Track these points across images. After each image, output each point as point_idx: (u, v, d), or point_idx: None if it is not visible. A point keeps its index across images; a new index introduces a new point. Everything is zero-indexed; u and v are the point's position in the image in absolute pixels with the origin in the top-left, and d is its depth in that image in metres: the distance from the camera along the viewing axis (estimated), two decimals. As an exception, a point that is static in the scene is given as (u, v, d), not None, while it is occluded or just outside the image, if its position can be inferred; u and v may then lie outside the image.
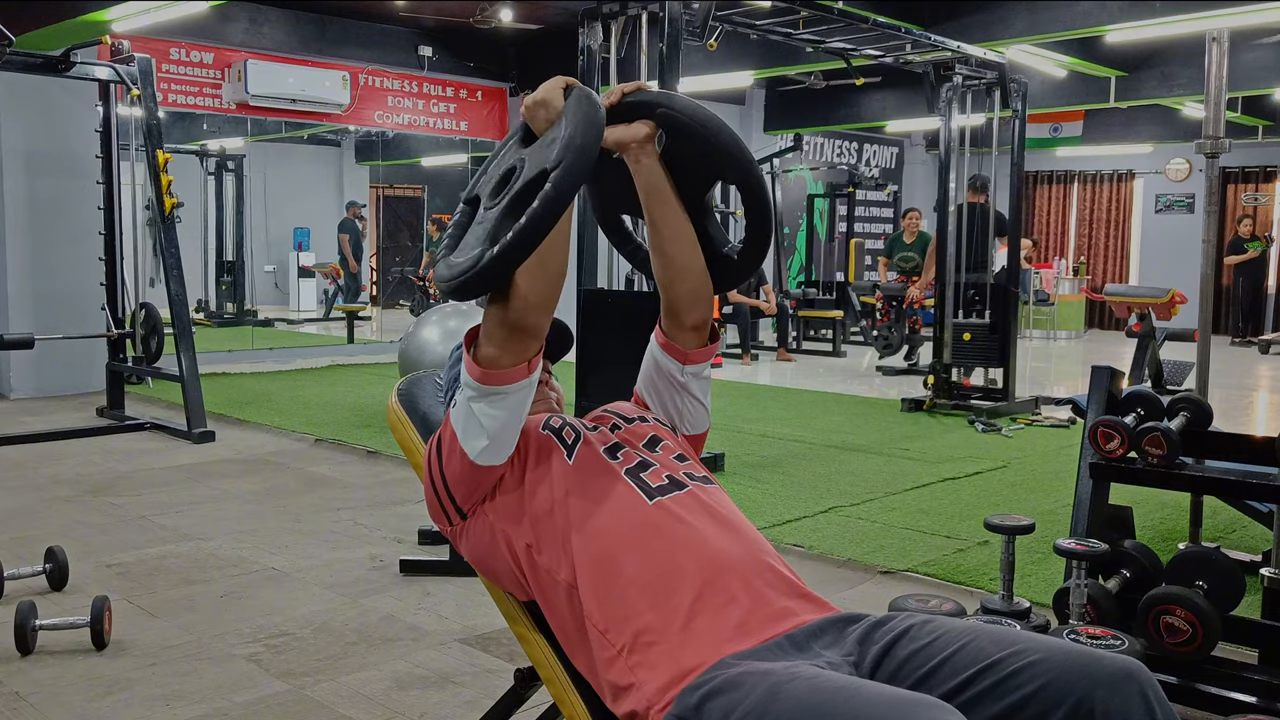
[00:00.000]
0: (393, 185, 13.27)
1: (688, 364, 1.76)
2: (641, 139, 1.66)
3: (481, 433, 1.51)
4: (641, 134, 1.65)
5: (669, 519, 1.51)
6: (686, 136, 1.65)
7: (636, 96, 1.66)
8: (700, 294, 1.72)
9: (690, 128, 1.63)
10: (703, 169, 1.70)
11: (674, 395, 1.78)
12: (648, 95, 1.67)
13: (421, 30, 9.71)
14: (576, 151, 1.39)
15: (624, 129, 1.66)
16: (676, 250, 1.70)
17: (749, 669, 1.32)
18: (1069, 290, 13.87)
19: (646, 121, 1.65)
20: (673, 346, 1.75)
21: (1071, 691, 1.25)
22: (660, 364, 1.77)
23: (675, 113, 1.64)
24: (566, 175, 1.38)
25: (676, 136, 1.68)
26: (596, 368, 5.06)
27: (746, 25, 6.26)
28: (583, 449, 1.60)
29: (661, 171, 1.68)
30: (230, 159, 11.76)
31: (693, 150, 1.67)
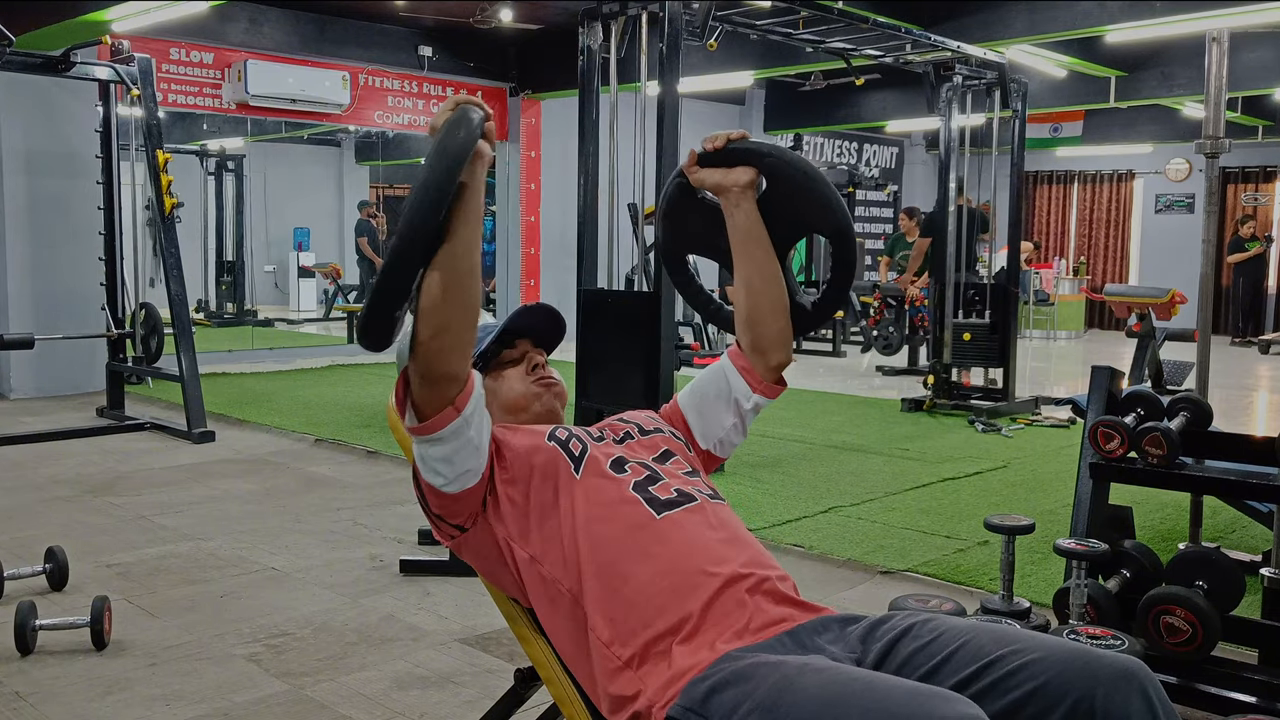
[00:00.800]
0: (393, 185, 13.27)
1: (757, 393, 1.80)
2: (744, 185, 1.73)
3: (436, 472, 1.51)
4: (744, 180, 1.72)
5: (676, 532, 1.50)
6: (790, 187, 1.73)
7: (743, 144, 1.73)
8: (786, 335, 1.79)
9: (796, 179, 1.71)
10: (795, 219, 1.77)
11: (726, 416, 1.81)
12: (755, 144, 1.73)
13: (421, 30, 9.71)
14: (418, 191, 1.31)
15: (725, 173, 1.73)
16: (769, 292, 1.77)
17: (758, 660, 1.32)
18: (1069, 290, 13.88)
19: (749, 169, 1.72)
20: (752, 372, 1.79)
21: (1072, 689, 1.25)
22: (731, 383, 1.80)
23: (784, 164, 1.72)
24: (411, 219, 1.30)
25: (778, 186, 1.74)
26: (596, 368, 5.05)
27: (746, 25, 6.27)
28: (589, 462, 1.59)
29: (759, 217, 1.75)
30: (230, 159, 11.77)
31: (788, 200, 1.74)
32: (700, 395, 1.83)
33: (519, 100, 10.64)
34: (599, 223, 5.26)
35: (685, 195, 1.84)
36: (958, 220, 7.39)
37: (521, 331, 1.80)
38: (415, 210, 1.30)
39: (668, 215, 1.90)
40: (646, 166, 5.09)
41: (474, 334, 1.45)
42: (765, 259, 1.76)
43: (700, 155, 1.77)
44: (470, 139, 1.35)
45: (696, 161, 1.77)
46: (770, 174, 1.74)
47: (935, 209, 8.60)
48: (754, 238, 1.75)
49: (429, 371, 1.42)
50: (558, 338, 1.85)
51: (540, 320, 1.82)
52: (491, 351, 1.78)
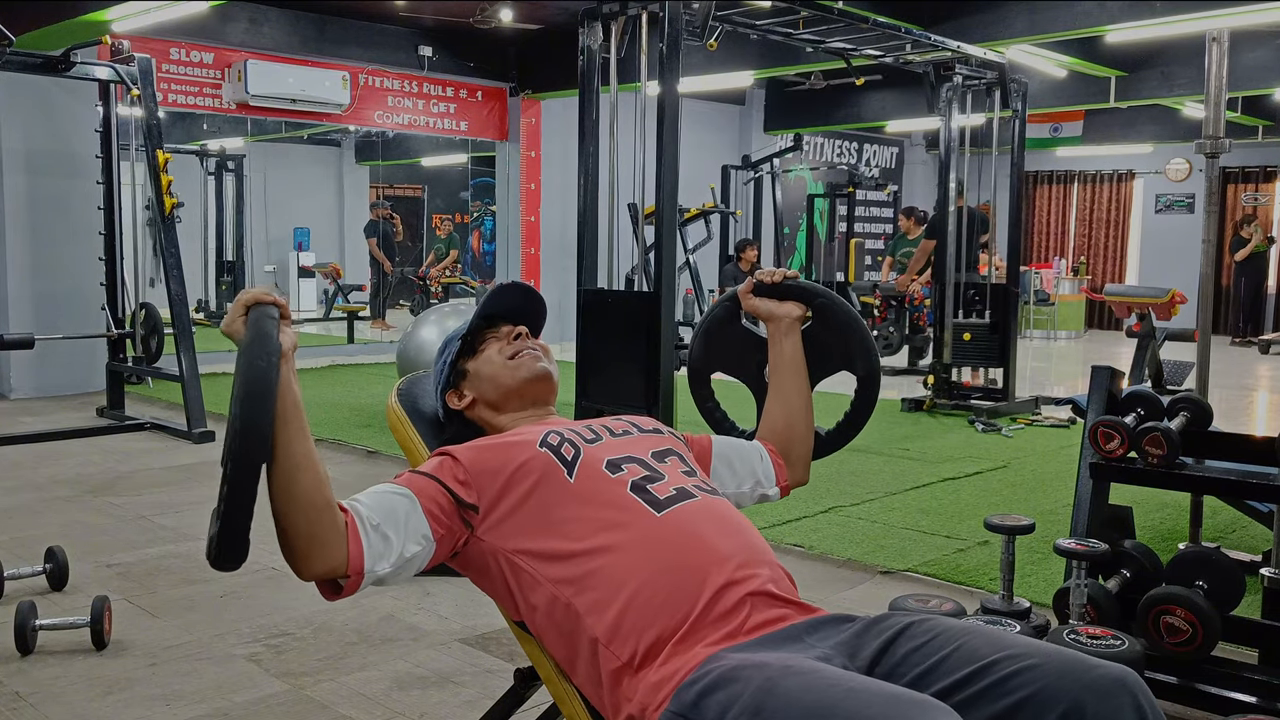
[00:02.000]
0: (393, 185, 13.27)
1: (777, 486, 1.92)
2: (795, 318, 1.96)
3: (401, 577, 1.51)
4: (796, 314, 1.96)
5: (675, 531, 1.50)
6: (834, 327, 1.96)
7: (797, 283, 1.96)
8: (809, 456, 1.99)
9: (841, 321, 1.95)
10: (829, 357, 1.99)
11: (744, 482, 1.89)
12: (809, 285, 1.97)
13: (421, 30, 9.71)
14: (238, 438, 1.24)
15: (778, 305, 1.96)
16: (804, 415, 1.97)
17: (743, 661, 1.32)
18: (1069, 290, 13.87)
19: (800, 305, 1.95)
20: (782, 468, 1.93)
21: (1064, 697, 1.26)
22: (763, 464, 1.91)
23: (835, 307, 1.96)
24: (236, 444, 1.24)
25: (823, 324, 1.97)
26: (596, 368, 5.05)
27: (746, 25, 6.26)
28: (583, 466, 1.57)
29: (802, 348, 1.97)
30: (230, 159, 11.76)
31: (829, 339, 1.97)
32: (736, 453, 1.90)
33: (519, 100, 10.64)
34: (599, 223, 5.26)
35: (730, 317, 2.06)
36: (957, 221, 7.39)
37: (501, 314, 1.83)
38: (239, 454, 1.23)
39: (709, 332, 2.08)
40: (646, 166, 5.08)
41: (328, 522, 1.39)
42: (803, 385, 1.97)
43: (757, 285, 1.98)
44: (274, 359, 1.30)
45: (753, 290, 1.98)
46: (818, 313, 1.96)
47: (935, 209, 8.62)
48: (796, 365, 1.96)
49: (302, 577, 1.42)
50: (540, 317, 1.87)
51: (515, 298, 1.84)
52: (476, 331, 1.79)
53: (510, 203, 10.94)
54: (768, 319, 1.97)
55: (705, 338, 2.08)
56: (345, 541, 1.41)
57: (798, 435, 1.95)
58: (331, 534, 1.40)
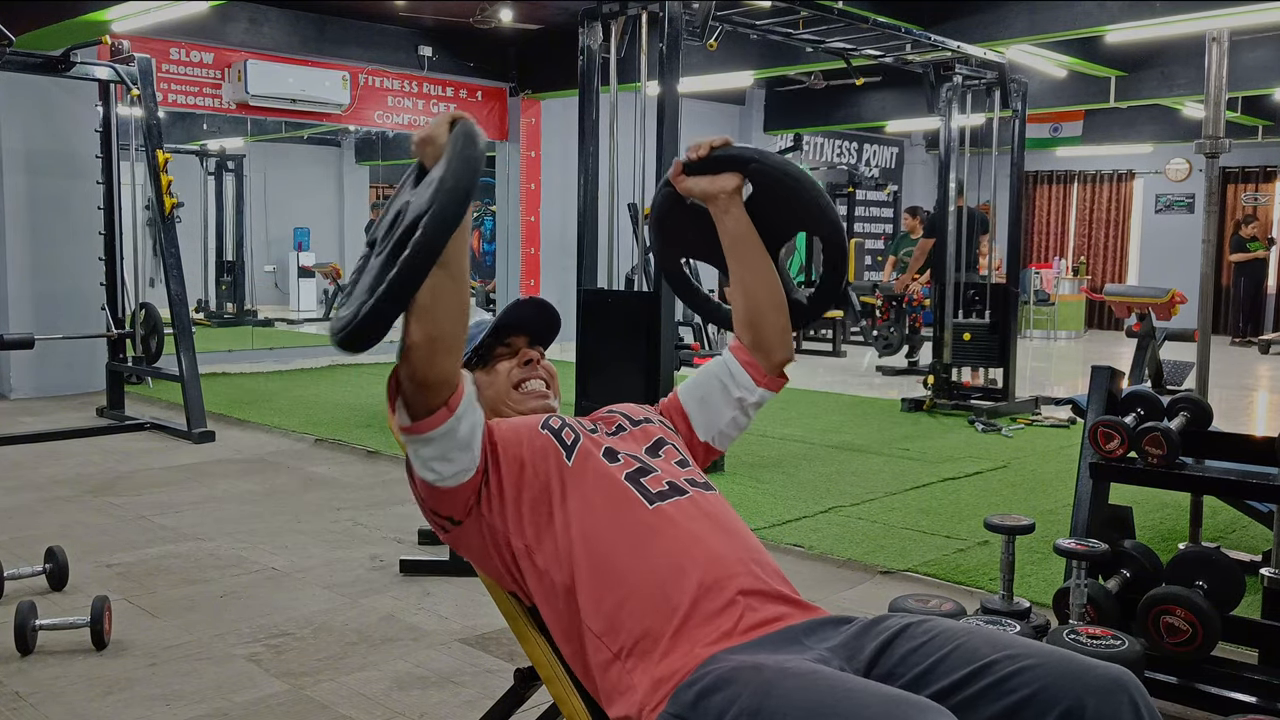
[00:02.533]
0: (393, 185, 13.25)
1: (761, 386, 1.82)
2: (730, 190, 1.75)
3: (429, 468, 1.51)
4: (731, 186, 1.75)
5: (667, 524, 1.51)
6: (777, 191, 1.75)
7: (726, 151, 1.74)
8: (787, 332, 1.82)
9: (784, 183, 1.74)
10: (783, 221, 1.80)
11: (727, 409, 1.82)
12: (739, 150, 1.75)
13: (421, 30, 9.71)
14: (447, 194, 1.32)
15: (711, 180, 1.76)
16: (765, 292, 1.80)
17: (740, 663, 1.32)
18: (1069, 290, 13.87)
19: (735, 174, 1.74)
20: (756, 366, 1.81)
21: (1062, 698, 1.26)
22: (735, 376, 1.81)
23: (769, 168, 1.74)
24: (435, 222, 1.30)
25: (766, 190, 1.77)
26: (597, 368, 5.06)
27: (746, 25, 6.27)
28: (581, 452, 1.59)
29: (748, 220, 1.78)
30: (230, 159, 11.76)
31: (776, 203, 1.77)
32: (703, 388, 1.84)
33: (519, 100, 10.63)
34: (599, 223, 5.27)
35: (674, 203, 1.88)
36: (957, 221, 7.39)
37: (515, 327, 1.80)
38: (440, 220, 1.30)
39: (659, 223, 1.93)
40: (646, 166, 5.09)
41: (464, 337, 1.45)
42: (758, 260, 1.79)
43: (685, 164, 1.79)
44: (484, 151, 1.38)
45: (682, 170, 1.80)
46: (755, 179, 1.76)
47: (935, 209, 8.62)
48: (745, 241, 1.78)
49: (422, 377, 1.42)
50: (552, 332, 1.85)
51: (532, 313, 1.82)
52: (486, 347, 1.78)
53: (510, 203, 10.94)
54: (704, 198, 1.79)
55: (657, 229, 1.94)
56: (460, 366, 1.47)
57: (764, 314, 1.80)
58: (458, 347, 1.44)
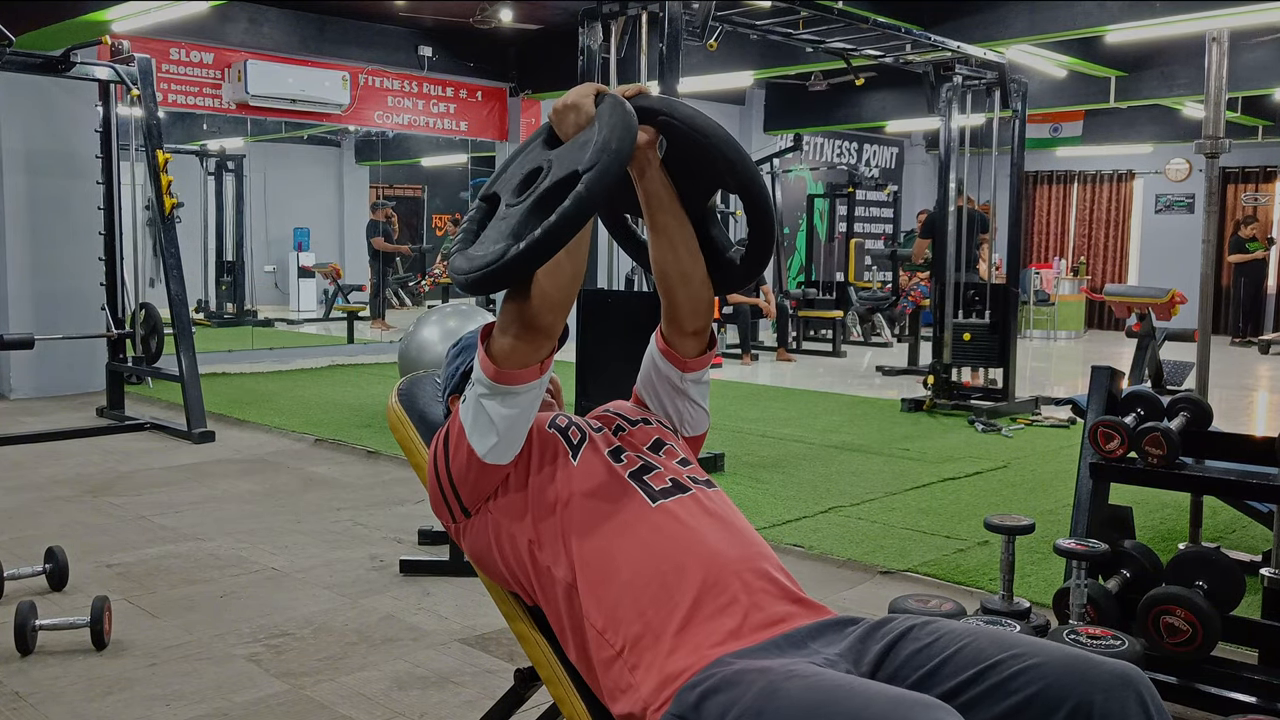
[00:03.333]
0: (393, 185, 13.26)
1: (687, 371, 1.75)
2: (643, 145, 1.61)
3: (491, 430, 1.51)
4: (642, 140, 1.60)
5: (671, 522, 1.51)
6: (687, 144, 1.62)
7: (637, 101, 1.59)
8: (701, 301, 1.71)
9: (690, 136, 1.60)
10: (704, 176, 1.68)
11: (674, 399, 1.78)
12: (649, 101, 1.61)
13: (421, 30, 9.71)
14: (612, 155, 1.41)
15: None
16: (676, 257, 1.68)
17: (746, 666, 1.32)
18: (1069, 290, 13.87)
19: (646, 128, 1.60)
20: (672, 354, 1.74)
21: (1070, 695, 1.26)
22: (660, 369, 1.77)
23: (675, 121, 1.60)
24: (600, 176, 1.39)
25: (677, 144, 1.65)
26: (596, 368, 5.05)
27: (746, 25, 6.26)
28: (587, 450, 1.61)
29: (662, 178, 1.65)
30: (230, 159, 11.76)
31: (692, 158, 1.65)
32: (647, 382, 1.81)
33: (519, 100, 10.63)
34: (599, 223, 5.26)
35: None
36: (957, 221, 7.39)
37: None
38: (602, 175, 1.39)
39: None
40: (646, 166, 5.08)
41: (573, 302, 1.53)
42: (671, 222, 1.67)
43: None
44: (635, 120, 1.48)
45: None
46: (666, 133, 1.64)
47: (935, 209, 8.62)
48: (657, 199, 1.66)
49: (539, 319, 1.47)
50: (561, 342, 1.84)
51: None
52: None
53: (510, 203, 10.91)
54: None
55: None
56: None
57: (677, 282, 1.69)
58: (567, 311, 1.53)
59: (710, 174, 1.68)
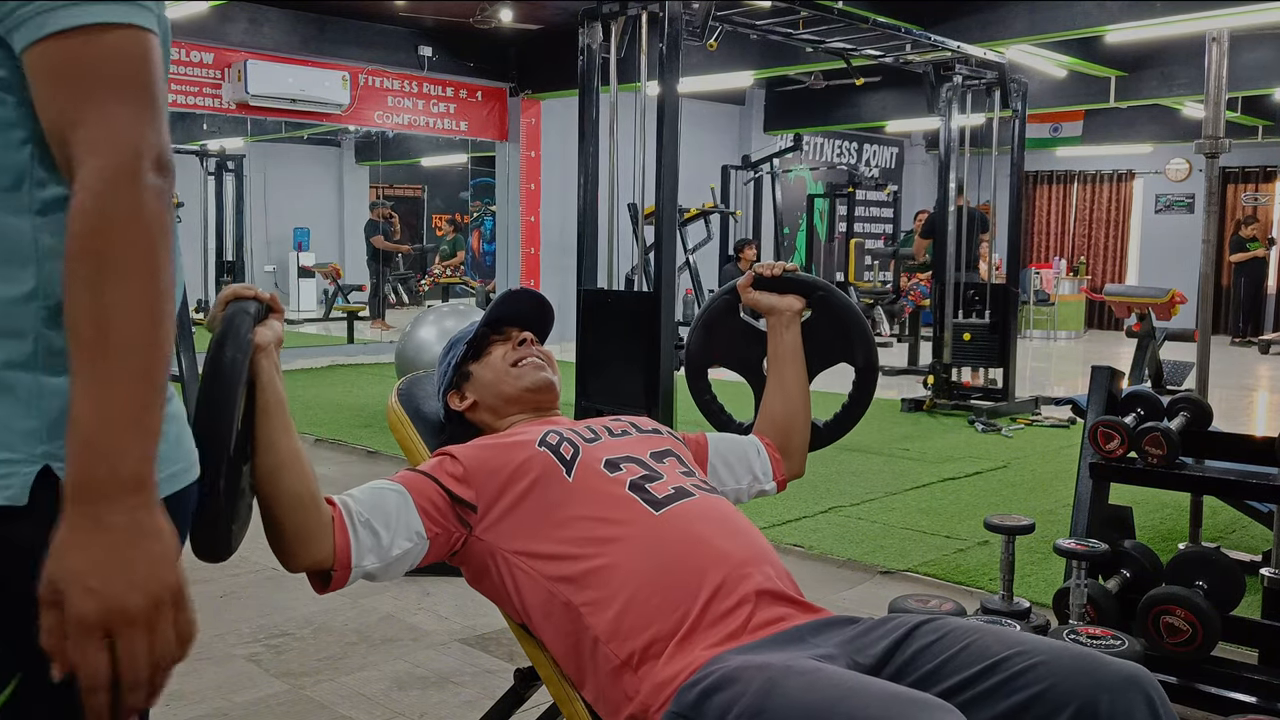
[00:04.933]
0: (393, 185, 13.27)
1: (774, 480, 1.92)
2: (795, 311, 1.96)
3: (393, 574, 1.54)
4: (796, 306, 1.96)
5: (675, 528, 1.50)
6: (832, 320, 1.97)
7: (798, 276, 1.97)
8: (806, 448, 2.00)
9: (841, 314, 1.97)
10: (828, 349, 2.00)
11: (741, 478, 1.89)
12: (808, 278, 1.98)
13: (421, 30, 9.71)
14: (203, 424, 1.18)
15: (778, 298, 1.97)
16: (803, 407, 1.98)
17: (746, 663, 1.32)
18: (1069, 290, 13.87)
19: (799, 298, 1.96)
20: (779, 463, 1.93)
21: (1076, 695, 1.25)
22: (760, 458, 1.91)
23: (832, 299, 1.97)
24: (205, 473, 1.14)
25: (822, 318, 1.98)
26: (596, 368, 5.05)
27: (746, 25, 6.26)
28: (581, 465, 1.57)
29: (801, 340, 1.97)
30: (230, 159, 11.75)
31: (828, 332, 1.98)
32: (731, 450, 1.89)
33: (519, 100, 10.64)
34: (599, 223, 5.26)
35: (729, 310, 2.06)
36: (957, 221, 7.39)
37: (510, 319, 1.82)
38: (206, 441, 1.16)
39: (708, 324, 2.08)
40: (646, 166, 5.08)
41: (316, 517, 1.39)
42: (802, 377, 1.98)
43: (757, 279, 1.99)
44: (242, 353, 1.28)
45: (752, 283, 1.99)
46: (817, 305, 1.97)
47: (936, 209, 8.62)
48: (796, 357, 1.97)
49: (291, 569, 1.43)
50: (546, 325, 1.86)
51: (525, 305, 1.83)
52: (480, 338, 1.79)
53: (510, 203, 10.94)
54: (768, 312, 1.98)
55: (705, 330, 2.09)
56: (332, 536, 1.42)
57: (796, 427, 1.96)
58: (317, 529, 1.40)
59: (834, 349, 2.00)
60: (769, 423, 1.97)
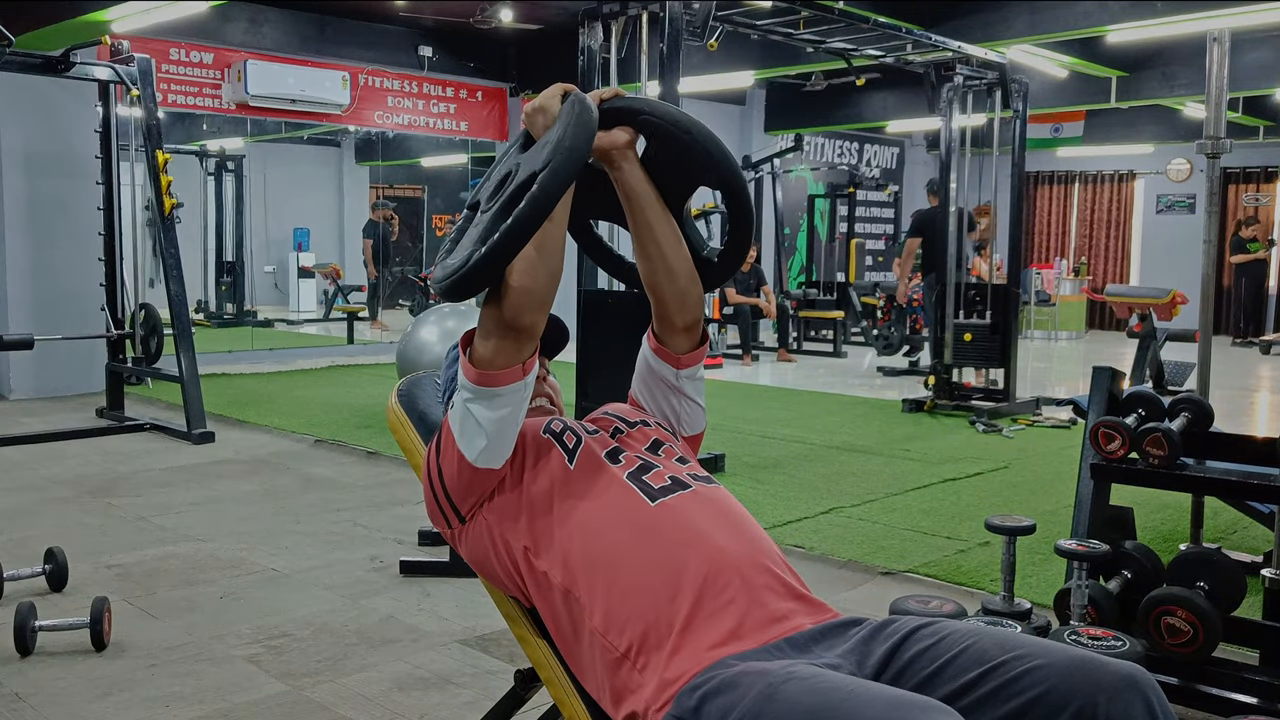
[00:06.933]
0: (393, 185, 13.26)
1: (681, 368, 1.77)
2: (622, 145, 1.65)
3: (479, 434, 1.52)
4: (622, 140, 1.65)
5: (671, 520, 1.51)
6: (668, 141, 1.65)
7: (615, 103, 1.63)
8: (690, 294, 1.72)
9: (672, 133, 1.63)
10: (683, 173, 1.69)
11: (669, 397, 1.79)
12: (627, 102, 1.64)
13: (421, 30, 9.71)
14: (564, 153, 1.40)
15: (603, 135, 1.63)
16: (665, 253, 1.70)
17: (746, 669, 1.32)
18: (1070, 291, 13.87)
19: (626, 128, 1.64)
20: (665, 352, 1.76)
21: (1075, 696, 1.25)
22: (654, 368, 1.78)
23: (656, 118, 1.63)
24: (552, 176, 1.39)
25: (657, 141, 1.67)
26: (596, 369, 5.05)
27: (747, 25, 6.26)
28: (584, 453, 1.60)
29: (644, 177, 1.68)
30: (230, 159, 11.77)
31: (673, 155, 1.67)
32: (641, 383, 1.82)
33: (519, 100, 10.63)
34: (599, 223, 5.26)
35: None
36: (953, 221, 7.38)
37: None
38: (556, 174, 1.39)
39: None
40: (646, 167, 5.08)
41: (553, 298, 1.51)
42: (657, 220, 1.69)
43: None
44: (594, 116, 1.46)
45: None
46: (647, 131, 1.66)
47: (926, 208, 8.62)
48: (643, 199, 1.68)
49: (517, 320, 1.47)
50: (560, 345, 1.85)
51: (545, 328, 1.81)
52: None
53: (510, 203, 10.91)
54: (600, 156, 1.67)
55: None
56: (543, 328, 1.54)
57: (666, 278, 1.71)
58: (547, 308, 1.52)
59: (690, 172, 1.69)
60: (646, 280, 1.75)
